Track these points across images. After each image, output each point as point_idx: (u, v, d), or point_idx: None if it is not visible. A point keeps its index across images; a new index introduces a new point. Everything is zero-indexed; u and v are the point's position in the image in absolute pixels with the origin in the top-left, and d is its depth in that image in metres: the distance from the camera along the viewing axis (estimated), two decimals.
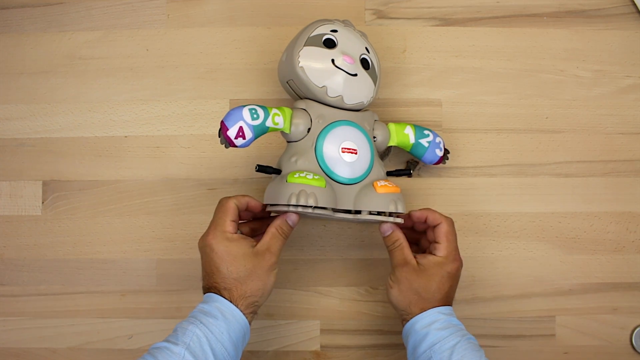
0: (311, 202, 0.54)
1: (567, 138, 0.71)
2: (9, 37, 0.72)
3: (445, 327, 0.55)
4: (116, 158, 0.71)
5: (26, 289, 0.70)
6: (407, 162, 0.71)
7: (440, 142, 0.66)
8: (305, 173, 0.56)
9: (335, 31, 0.60)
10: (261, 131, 0.58)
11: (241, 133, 0.56)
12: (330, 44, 0.60)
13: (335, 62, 0.58)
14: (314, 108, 0.60)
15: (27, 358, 0.69)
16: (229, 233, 0.56)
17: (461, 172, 0.71)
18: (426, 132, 0.65)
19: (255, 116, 0.57)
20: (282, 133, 0.60)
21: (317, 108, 0.60)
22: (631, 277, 0.70)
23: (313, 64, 0.58)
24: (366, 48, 0.62)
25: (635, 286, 0.70)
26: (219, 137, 0.56)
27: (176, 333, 0.53)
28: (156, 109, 0.71)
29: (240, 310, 0.54)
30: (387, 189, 0.59)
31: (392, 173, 0.64)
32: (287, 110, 0.59)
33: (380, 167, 0.62)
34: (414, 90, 0.71)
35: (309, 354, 0.69)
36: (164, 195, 0.70)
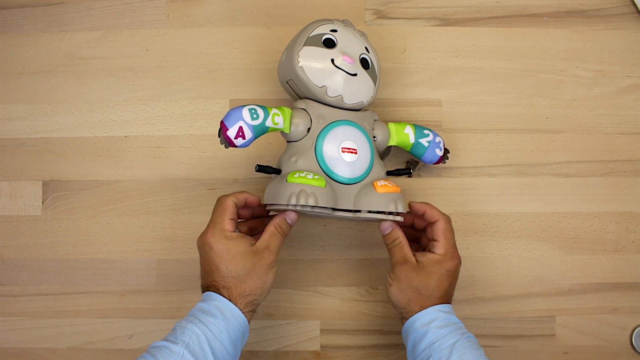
0: (311, 202, 0.54)
1: (567, 138, 0.71)
2: (9, 37, 0.72)
3: (444, 326, 0.55)
4: (116, 158, 0.71)
5: (26, 289, 0.70)
6: (407, 162, 0.71)
7: (440, 142, 0.66)
8: (305, 173, 0.56)
9: (334, 31, 0.60)
10: (261, 131, 0.58)
11: (241, 133, 0.56)
12: (329, 44, 0.60)
13: (335, 62, 0.58)
14: (314, 108, 0.60)
15: (27, 358, 0.69)
16: (228, 231, 0.56)
17: (461, 172, 0.71)
18: (426, 132, 0.65)
19: (255, 116, 0.57)
20: (282, 133, 0.60)
21: (317, 108, 0.60)
22: (631, 277, 0.70)
23: (313, 64, 0.58)
24: (366, 48, 0.62)
25: (635, 286, 0.70)
26: (219, 137, 0.56)
27: (175, 332, 0.53)
28: (156, 109, 0.71)
29: (239, 309, 0.54)
30: (387, 189, 0.58)
31: (392, 173, 0.64)
32: (287, 110, 0.59)
33: (380, 167, 0.61)
34: (414, 90, 0.71)
35: (309, 354, 0.69)
36: (164, 195, 0.70)
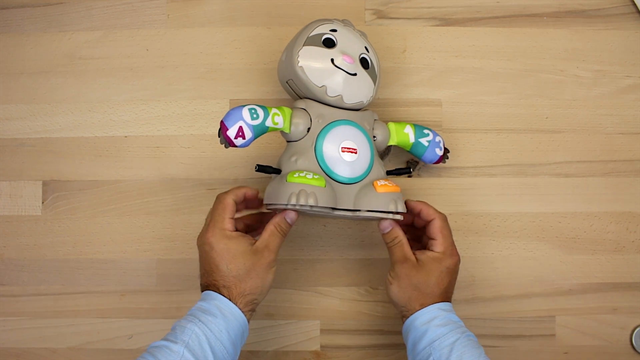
0: (311, 202, 0.54)
1: (567, 138, 0.71)
2: (9, 37, 0.72)
3: (444, 324, 0.56)
4: (116, 158, 0.71)
5: (26, 289, 0.70)
6: (407, 162, 0.71)
7: (440, 142, 0.66)
8: (305, 173, 0.56)
9: (334, 31, 0.60)
10: (261, 131, 0.58)
11: (241, 133, 0.56)
12: (329, 44, 0.59)
13: (334, 62, 0.58)
14: (314, 108, 0.60)
15: (27, 358, 0.69)
16: (228, 231, 0.56)
17: (461, 172, 0.71)
18: (426, 132, 0.65)
19: (254, 116, 0.57)
20: (282, 133, 0.60)
21: (317, 108, 0.60)
22: (631, 277, 0.70)
23: (312, 64, 0.58)
24: (366, 47, 0.62)
25: (635, 286, 0.70)
26: (219, 137, 0.56)
27: (175, 331, 0.53)
28: (156, 109, 0.71)
29: (239, 308, 0.54)
30: (387, 189, 0.58)
31: (392, 172, 0.64)
32: (287, 110, 0.59)
33: (380, 167, 0.61)
34: (414, 90, 0.71)
35: (309, 354, 0.69)
36: (164, 195, 0.70)
